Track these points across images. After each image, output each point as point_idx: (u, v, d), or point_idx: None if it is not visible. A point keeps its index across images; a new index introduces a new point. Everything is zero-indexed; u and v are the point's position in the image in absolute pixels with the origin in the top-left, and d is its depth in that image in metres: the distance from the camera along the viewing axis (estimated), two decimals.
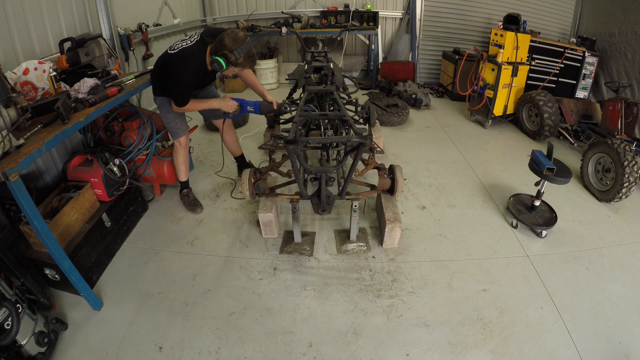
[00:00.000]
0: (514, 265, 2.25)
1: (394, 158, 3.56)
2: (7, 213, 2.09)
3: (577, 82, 4.41)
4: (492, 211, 2.76)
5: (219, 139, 3.99)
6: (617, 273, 2.19)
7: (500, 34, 3.85)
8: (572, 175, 2.35)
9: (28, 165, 1.59)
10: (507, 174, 3.27)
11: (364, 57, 6.08)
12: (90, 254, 2.13)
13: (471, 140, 3.98)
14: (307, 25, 5.50)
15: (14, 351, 1.55)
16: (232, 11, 5.86)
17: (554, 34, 5.23)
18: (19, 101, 1.70)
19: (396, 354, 1.73)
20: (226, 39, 2.08)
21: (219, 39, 2.11)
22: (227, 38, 2.08)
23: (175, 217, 2.73)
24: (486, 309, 1.95)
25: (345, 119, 2.40)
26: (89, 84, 2.15)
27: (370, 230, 2.54)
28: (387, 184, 2.48)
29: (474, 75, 4.24)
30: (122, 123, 2.75)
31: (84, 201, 2.20)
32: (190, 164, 3.29)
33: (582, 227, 2.59)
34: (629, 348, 1.74)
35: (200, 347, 1.74)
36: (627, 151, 2.63)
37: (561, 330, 1.83)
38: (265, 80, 5.80)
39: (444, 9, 5.47)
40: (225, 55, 2.08)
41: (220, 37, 2.11)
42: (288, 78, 3.25)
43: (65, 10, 2.74)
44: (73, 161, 2.38)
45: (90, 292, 1.94)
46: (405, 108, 4.39)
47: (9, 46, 2.26)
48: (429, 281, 2.13)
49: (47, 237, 1.63)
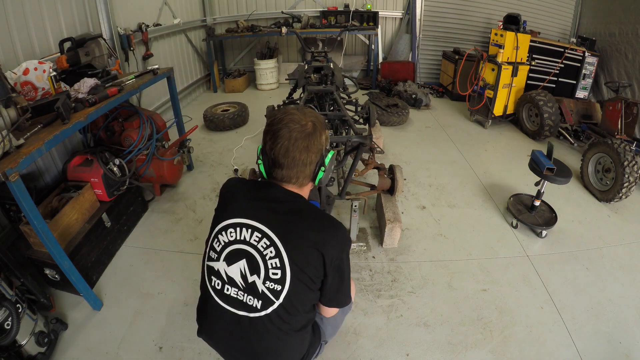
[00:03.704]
0: (514, 265, 2.24)
1: (394, 158, 3.56)
2: (7, 213, 2.09)
3: (577, 82, 4.40)
4: (492, 211, 2.76)
5: (219, 139, 4.02)
6: (617, 273, 2.19)
7: (500, 34, 3.85)
8: (572, 175, 2.35)
9: (28, 165, 1.59)
10: (507, 174, 3.27)
11: (364, 57, 6.07)
12: (90, 254, 2.13)
13: (471, 140, 3.97)
14: (307, 25, 5.50)
15: (14, 351, 1.55)
16: (232, 11, 5.86)
17: (554, 34, 5.23)
18: (19, 101, 1.70)
19: (396, 354, 1.72)
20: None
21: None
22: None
23: (175, 217, 2.73)
24: (486, 309, 1.95)
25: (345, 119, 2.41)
26: (89, 84, 2.15)
27: (370, 230, 2.54)
28: (387, 184, 2.49)
29: (474, 75, 4.24)
30: (122, 123, 2.75)
31: (84, 201, 2.20)
32: (190, 164, 3.31)
33: (582, 227, 2.59)
34: (629, 348, 1.74)
35: (200, 347, 1.74)
36: (627, 151, 2.63)
37: (561, 330, 1.83)
38: (265, 80, 5.80)
39: (444, 9, 5.47)
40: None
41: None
42: (288, 78, 3.25)
43: (65, 10, 2.73)
44: (73, 161, 2.38)
45: (90, 292, 1.94)
46: (405, 108, 4.39)
47: (9, 46, 2.26)
48: (429, 281, 2.13)
49: (47, 237, 1.63)
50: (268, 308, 1.08)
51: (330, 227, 1.13)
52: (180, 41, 4.99)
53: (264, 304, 1.08)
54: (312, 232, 1.09)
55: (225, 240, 1.12)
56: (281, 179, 1.15)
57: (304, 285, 1.10)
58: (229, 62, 6.37)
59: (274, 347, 1.12)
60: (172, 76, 2.91)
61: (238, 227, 1.11)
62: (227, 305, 1.12)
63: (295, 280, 1.07)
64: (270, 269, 1.07)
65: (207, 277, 1.18)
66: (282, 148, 1.09)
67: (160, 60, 4.36)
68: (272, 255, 1.07)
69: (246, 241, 1.09)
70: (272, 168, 1.15)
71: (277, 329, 1.10)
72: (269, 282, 1.07)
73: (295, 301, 1.09)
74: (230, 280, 1.11)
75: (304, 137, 1.10)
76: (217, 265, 1.13)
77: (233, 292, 1.11)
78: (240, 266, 1.10)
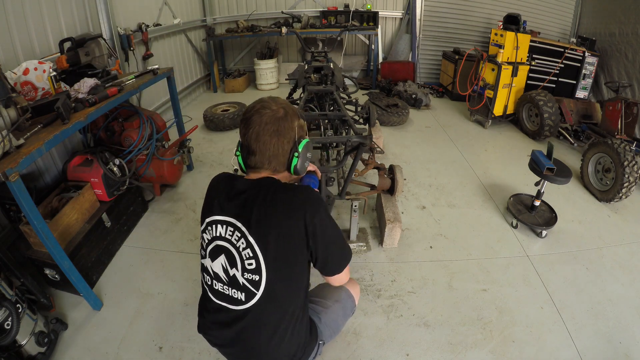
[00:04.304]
0: (514, 265, 2.24)
1: (394, 158, 3.56)
2: (7, 213, 2.09)
3: (577, 82, 4.40)
4: (492, 211, 2.76)
5: (219, 139, 4.01)
6: (617, 273, 2.19)
7: (500, 34, 3.85)
8: (572, 175, 2.35)
9: (28, 165, 1.59)
10: (507, 174, 3.27)
11: (364, 57, 6.07)
12: (90, 254, 2.13)
13: (471, 140, 3.97)
14: (307, 25, 5.50)
15: (14, 351, 1.55)
16: (232, 11, 5.86)
17: (554, 34, 5.23)
18: (19, 101, 1.70)
19: (396, 353, 1.72)
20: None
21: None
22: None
23: (175, 217, 2.73)
24: (486, 309, 1.95)
25: (345, 119, 2.40)
26: (89, 84, 2.15)
27: (370, 230, 2.54)
28: (387, 184, 2.48)
29: (474, 75, 4.24)
30: (122, 123, 2.75)
31: (84, 201, 2.20)
32: (190, 164, 3.30)
33: (582, 227, 2.59)
34: (629, 348, 1.74)
35: (200, 347, 1.74)
36: (627, 151, 2.63)
37: (561, 330, 1.83)
38: (265, 80, 5.80)
39: (444, 9, 5.47)
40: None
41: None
42: (288, 78, 3.25)
43: (65, 10, 2.73)
44: (73, 161, 2.38)
45: (90, 292, 1.94)
46: (405, 108, 4.39)
47: (9, 46, 2.26)
48: (429, 281, 2.13)
49: (47, 237, 1.63)
50: (252, 299, 1.10)
51: (292, 194, 1.10)
52: (180, 41, 4.99)
53: (247, 296, 1.10)
54: (272, 209, 1.07)
55: (209, 238, 1.15)
56: (254, 165, 1.16)
57: (283, 270, 1.09)
58: (229, 62, 6.37)
59: (265, 338, 1.13)
60: (172, 76, 2.91)
61: (216, 224, 1.13)
62: (218, 300, 1.16)
63: (272, 267, 1.07)
64: (245, 260, 1.08)
65: (202, 274, 1.22)
66: (254, 133, 1.11)
67: (160, 60, 4.36)
68: (244, 247, 1.08)
69: (222, 237, 1.12)
70: (247, 156, 1.17)
71: (266, 320, 1.11)
72: (247, 274, 1.09)
73: (279, 289, 1.10)
74: (216, 275, 1.14)
75: (274, 121, 1.11)
76: (205, 262, 1.17)
77: (220, 287, 1.14)
78: (221, 261, 1.12)
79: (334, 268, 1.22)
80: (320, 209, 1.10)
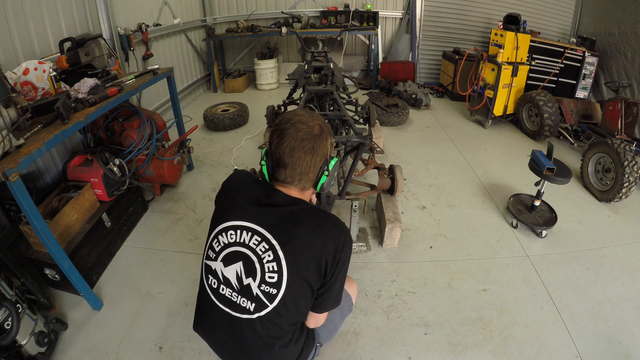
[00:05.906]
0: (514, 265, 2.24)
1: (394, 158, 3.56)
2: (7, 213, 2.09)
3: (577, 82, 4.40)
4: (492, 211, 2.76)
5: (219, 139, 4.02)
6: (617, 273, 2.19)
7: (500, 34, 3.85)
8: (572, 175, 2.35)
9: (28, 165, 1.59)
10: (507, 174, 3.27)
11: (364, 57, 6.07)
12: (90, 254, 2.13)
13: (471, 140, 3.97)
14: (307, 25, 5.50)
15: (14, 351, 1.55)
16: (232, 11, 5.86)
17: (554, 34, 5.23)
18: (19, 101, 1.70)
19: (396, 354, 1.72)
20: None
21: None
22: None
23: (175, 217, 2.73)
24: (486, 309, 1.95)
25: (345, 119, 2.41)
26: (89, 84, 2.15)
27: (370, 230, 2.54)
28: (387, 184, 2.49)
29: (474, 75, 4.24)
30: (122, 123, 2.75)
31: (84, 201, 2.20)
32: (190, 164, 3.31)
33: (582, 227, 2.59)
34: (629, 348, 1.74)
35: (200, 347, 1.74)
36: (627, 151, 2.63)
37: (561, 330, 1.83)
38: (265, 80, 5.80)
39: (444, 9, 5.47)
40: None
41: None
42: (288, 78, 3.25)
43: (65, 10, 2.73)
44: (73, 161, 2.38)
45: (90, 292, 1.94)
46: (405, 108, 4.39)
47: (9, 46, 2.26)
48: (429, 281, 2.13)
49: (47, 237, 1.63)
50: (261, 311, 1.08)
51: (332, 227, 1.12)
52: (180, 41, 4.99)
53: (257, 307, 1.08)
54: (312, 235, 1.08)
55: (225, 242, 1.12)
56: (284, 179, 1.14)
57: (301, 290, 1.09)
58: (229, 62, 6.37)
59: (263, 349, 1.12)
60: (172, 76, 2.91)
61: (239, 230, 1.10)
62: (221, 304, 1.13)
63: (292, 285, 1.07)
64: (267, 272, 1.06)
65: (204, 275, 1.19)
66: (288, 147, 1.09)
67: (160, 60, 4.36)
68: (269, 259, 1.06)
69: (245, 244, 1.09)
70: (275, 168, 1.14)
71: (268, 332, 1.10)
72: (265, 285, 1.07)
73: (290, 305, 1.09)
74: (226, 280, 1.12)
75: (311, 138, 1.10)
76: (215, 264, 1.14)
77: (227, 293, 1.12)
78: (237, 268, 1.09)
79: (324, 304, 1.20)
80: (350, 246, 1.14)
